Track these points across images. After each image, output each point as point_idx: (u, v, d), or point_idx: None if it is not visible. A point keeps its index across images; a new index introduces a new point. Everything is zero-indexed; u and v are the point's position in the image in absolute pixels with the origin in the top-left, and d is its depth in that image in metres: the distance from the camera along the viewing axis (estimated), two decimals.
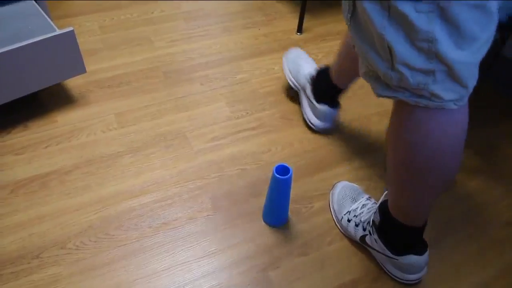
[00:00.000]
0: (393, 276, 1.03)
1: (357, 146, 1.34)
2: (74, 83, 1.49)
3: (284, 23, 1.85)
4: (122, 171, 1.22)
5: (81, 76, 1.49)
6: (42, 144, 1.28)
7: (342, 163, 1.28)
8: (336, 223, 1.13)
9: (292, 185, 1.08)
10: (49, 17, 1.36)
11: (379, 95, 0.76)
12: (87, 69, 1.55)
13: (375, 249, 1.02)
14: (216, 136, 1.33)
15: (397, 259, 0.98)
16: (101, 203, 1.14)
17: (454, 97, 0.70)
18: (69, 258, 1.02)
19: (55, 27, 1.30)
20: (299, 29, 1.79)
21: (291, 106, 1.45)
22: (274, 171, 0.98)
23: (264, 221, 1.12)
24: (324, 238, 1.10)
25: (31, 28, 1.30)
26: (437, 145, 0.76)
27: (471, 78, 0.69)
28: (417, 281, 1.02)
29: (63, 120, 1.36)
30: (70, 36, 1.24)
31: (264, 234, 1.10)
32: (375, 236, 1.00)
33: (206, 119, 1.38)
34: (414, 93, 0.70)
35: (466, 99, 0.72)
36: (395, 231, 0.96)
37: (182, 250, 1.05)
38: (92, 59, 1.60)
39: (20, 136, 1.30)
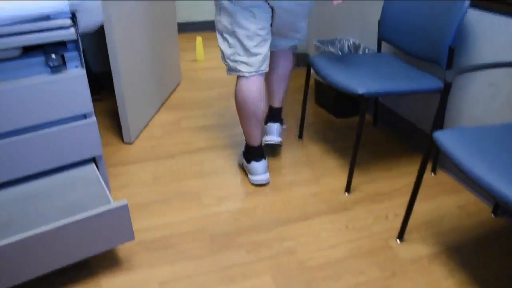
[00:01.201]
0: (250, 181, 1.83)
1: None
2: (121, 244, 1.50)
3: (332, 180, 1.85)
4: None
5: None
6: None
7: None
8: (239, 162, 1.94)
9: None
10: (107, 184, 1.42)
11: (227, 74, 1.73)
12: (136, 225, 1.58)
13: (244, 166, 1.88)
14: None
15: (248, 166, 1.81)
16: None
17: (247, 70, 1.63)
18: None
19: (110, 197, 1.34)
20: (348, 188, 1.78)
21: (340, 286, 1.38)
22: None
23: None
24: None
25: (88, 198, 1.35)
26: (242, 93, 1.66)
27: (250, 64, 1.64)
28: (261, 182, 1.80)
29: (106, 285, 1.35)
30: (123, 209, 1.28)
31: None
32: (243, 156, 1.87)
33: None
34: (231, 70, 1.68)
35: (254, 73, 1.64)
36: (247, 149, 1.82)
37: None
38: (142, 215, 1.63)
39: None
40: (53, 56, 1.28)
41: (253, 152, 1.78)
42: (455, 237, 1.57)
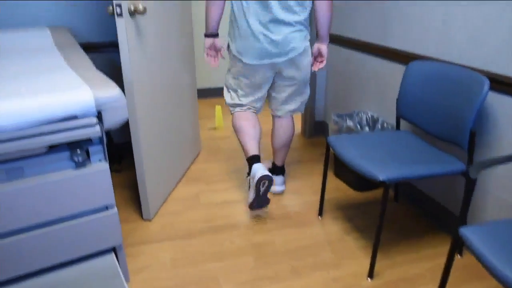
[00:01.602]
0: (256, 180, 1.92)
1: None
2: None
3: (354, 262, 1.81)
4: None
5: None
6: None
7: None
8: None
9: None
10: (125, 274, 1.40)
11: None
12: None
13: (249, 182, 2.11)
14: None
15: (250, 176, 2.02)
16: None
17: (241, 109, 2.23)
18: None
19: None
20: (371, 274, 1.73)
21: None
22: None
23: None
24: None
25: None
26: (237, 117, 2.19)
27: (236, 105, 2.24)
28: (265, 176, 1.91)
29: None
30: None
31: None
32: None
33: None
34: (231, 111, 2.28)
35: (244, 108, 2.22)
36: (248, 162, 2.08)
37: None
38: None
39: None
40: (78, 151, 1.31)
41: (252, 160, 2.04)
42: None
